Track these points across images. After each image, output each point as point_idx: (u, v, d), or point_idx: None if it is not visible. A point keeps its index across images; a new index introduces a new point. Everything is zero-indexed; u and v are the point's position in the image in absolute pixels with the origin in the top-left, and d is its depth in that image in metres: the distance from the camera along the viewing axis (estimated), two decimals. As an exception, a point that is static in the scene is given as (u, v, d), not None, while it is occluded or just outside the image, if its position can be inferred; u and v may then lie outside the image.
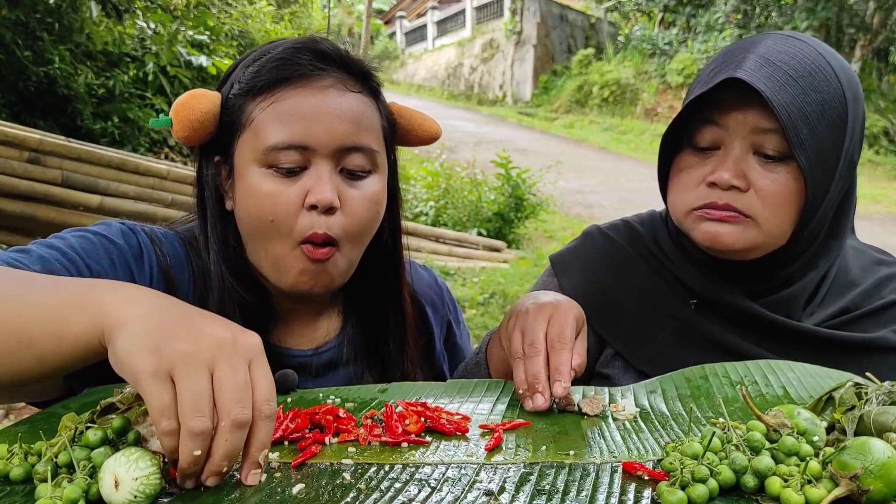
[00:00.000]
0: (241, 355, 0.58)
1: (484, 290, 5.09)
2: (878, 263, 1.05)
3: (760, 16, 14.14)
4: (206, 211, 0.93)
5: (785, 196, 0.91)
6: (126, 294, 0.62)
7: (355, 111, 0.88)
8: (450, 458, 0.64)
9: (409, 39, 23.36)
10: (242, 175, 0.88)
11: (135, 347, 0.57)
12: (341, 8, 19.50)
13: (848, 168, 0.94)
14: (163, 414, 0.55)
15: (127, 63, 6.08)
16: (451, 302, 1.18)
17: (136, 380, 0.56)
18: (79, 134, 5.19)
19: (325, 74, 0.88)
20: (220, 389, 0.56)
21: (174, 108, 0.88)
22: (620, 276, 1.08)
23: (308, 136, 0.85)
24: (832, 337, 0.96)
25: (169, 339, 0.57)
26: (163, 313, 0.60)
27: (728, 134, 0.92)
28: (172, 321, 0.59)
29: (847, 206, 0.99)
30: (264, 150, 0.86)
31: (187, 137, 0.89)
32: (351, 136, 0.87)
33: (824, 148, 0.89)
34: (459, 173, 7.66)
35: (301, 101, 0.86)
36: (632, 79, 15.77)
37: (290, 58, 0.88)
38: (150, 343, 0.57)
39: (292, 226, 0.86)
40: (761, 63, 0.89)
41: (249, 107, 0.88)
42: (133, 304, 0.61)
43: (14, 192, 3.43)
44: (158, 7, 5.80)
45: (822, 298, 1.00)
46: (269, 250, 0.88)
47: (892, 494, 0.52)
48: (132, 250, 0.89)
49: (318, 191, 0.85)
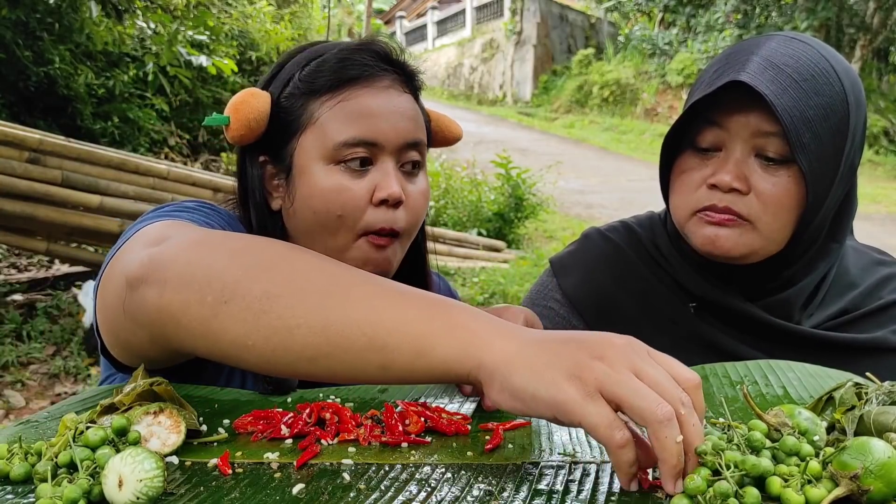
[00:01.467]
0: (645, 352, 0.57)
1: (484, 290, 5.09)
2: (877, 264, 1.05)
3: (760, 16, 14.14)
4: (252, 209, 0.95)
5: (785, 200, 0.91)
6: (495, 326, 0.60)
7: (413, 109, 0.94)
8: (450, 458, 0.64)
9: (409, 39, 23.35)
10: (306, 172, 0.90)
11: (547, 380, 0.55)
12: (341, 8, 19.49)
13: (849, 172, 0.94)
14: (613, 427, 0.52)
15: (127, 63, 6.08)
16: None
17: (563, 409, 0.54)
18: (79, 134, 5.20)
19: (385, 75, 0.93)
20: (655, 383, 0.54)
21: (233, 107, 0.90)
22: (620, 278, 1.08)
23: (377, 133, 0.89)
24: (831, 338, 0.96)
25: (580, 361, 0.55)
26: (543, 342, 0.57)
27: (730, 136, 0.92)
28: (563, 345, 0.57)
29: (847, 209, 0.98)
30: (334, 146, 0.89)
31: (242, 136, 0.91)
32: (411, 133, 0.92)
33: (825, 152, 0.89)
34: (459, 173, 7.66)
35: (368, 100, 0.90)
36: (632, 79, 15.77)
37: (352, 58, 0.92)
38: (564, 371, 0.54)
39: (359, 220, 0.89)
40: (765, 66, 0.88)
41: (312, 105, 0.91)
42: (508, 339, 0.58)
43: (14, 192, 3.43)
44: (158, 7, 5.79)
45: (821, 300, 1.00)
46: (331, 244, 0.91)
47: (892, 494, 0.52)
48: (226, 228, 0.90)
49: (387, 186, 0.89)
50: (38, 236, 3.86)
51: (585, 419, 0.53)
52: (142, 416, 0.65)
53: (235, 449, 0.67)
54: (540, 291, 1.14)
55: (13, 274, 4.58)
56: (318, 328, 0.60)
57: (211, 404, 0.78)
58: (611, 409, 0.53)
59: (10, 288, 4.18)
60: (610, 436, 0.52)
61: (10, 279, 4.38)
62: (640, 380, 0.53)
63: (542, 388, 0.54)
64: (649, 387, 0.53)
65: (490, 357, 0.57)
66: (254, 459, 0.64)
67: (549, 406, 0.54)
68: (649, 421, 0.52)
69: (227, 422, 0.72)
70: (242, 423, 0.71)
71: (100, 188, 3.79)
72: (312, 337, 0.60)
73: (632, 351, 0.56)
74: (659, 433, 0.52)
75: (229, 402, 0.80)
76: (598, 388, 0.53)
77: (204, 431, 0.70)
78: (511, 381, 0.56)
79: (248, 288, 0.61)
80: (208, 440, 0.68)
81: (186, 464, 0.63)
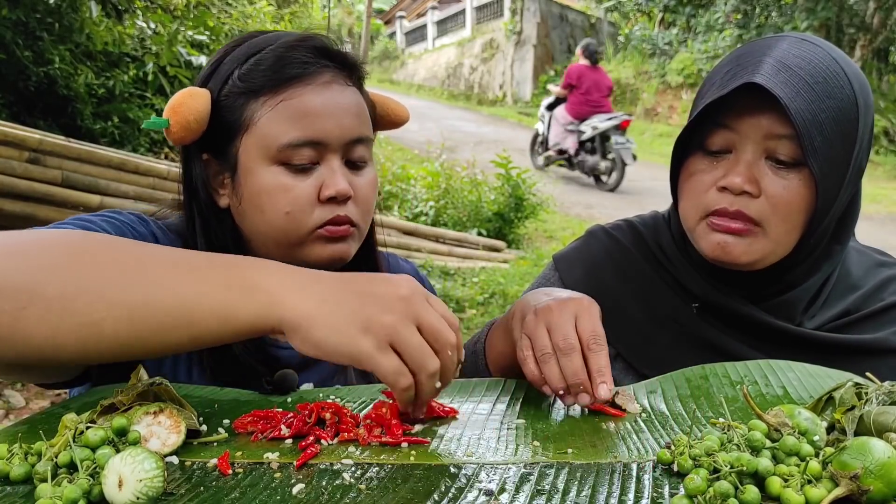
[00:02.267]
0: (421, 300, 0.67)
1: (484, 290, 5.09)
2: (879, 265, 1.04)
3: (760, 16, 14.13)
4: (194, 208, 0.94)
5: (796, 203, 0.90)
6: (283, 281, 0.67)
7: (357, 104, 0.93)
8: (450, 458, 0.64)
9: (409, 39, 23.35)
10: (251, 173, 0.90)
11: (345, 334, 0.64)
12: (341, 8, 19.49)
13: (856, 175, 0.94)
14: (399, 374, 0.65)
15: (127, 63, 6.07)
16: (430, 291, 1.20)
17: (360, 359, 0.64)
18: (79, 134, 5.19)
19: (325, 70, 0.91)
20: (432, 332, 0.66)
21: (171, 109, 0.88)
22: (623, 276, 1.08)
23: (321, 132, 0.89)
24: (833, 340, 0.96)
25: (370, 316, 0.64)
26: (341, 295, 0.66)
27: (741, 138, 0.91)
28: (358, 299, 0.65)
29: (851, 212, 0.98)
30: (278, 148, 0.88)
31: (183, 138, 0.89)
32: (356, 129, 0.92)
33: (835, 155, 0.89)
34: (459, 173, 7.65)
35: (309, 99, 0.89)
36: (632, 79, 15.76)
37: (289, 56, 0.89)
38: (358, 326, 0.64)
39: (308, 217, 0.90)
40: (778, 68, 0.87)
41: (253, 105, 0.89)
42: (301, 294, 0.66)
43: (14, 192, 3.43)
44: (158, 7, 5.79)
45: (823, 301, 1.00)
46: (284, 241, 0.91)
47: (892, 494, 0.52)
48: (150, 238, 0.91)
49: (334, 184, 0.89)
50: (38, 236, 3.85)
51: (378, 369, 0.64)
52: (142, 416, 0.65)
53: (235, 449, 0.67)
54: (542, 285, 1.14)
55: (13, 274, 4.57)
56: (124, 317, 0.63)
57: (211, 404, 0.78)
58: (397, 358, 0.65)
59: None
60: (396, 381, 0.65)
61: (10, 279, 4.37)
62: (421, 328, 0.66)
63: (341, 343, 0.64)
64: (429, 333, 0.66)
65: (289, 314, 0.65)
66: (254, 459, 0.64)
67: (349, 358, 0.64)
68: (419, 373, 0.65)
69: (227, 422, 0.72)
70: (242, 423, 0.71)
71: (100, 188, 3.79)
72: (120, 326, 0.63)
73: (415, 301, 0.66)
74: (426, 383, 0.66)
75: (229, 402, 0.80)
76: (388, 342, 0.64)
77: (204, 431, 0.70)
78: (312, 336, 0.64)
79: (43, 291, 0.62)
80: (208, 440, 0.68)
81: (186, 464, 0.63)
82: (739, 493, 0.53)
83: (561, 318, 0.79)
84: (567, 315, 0.79)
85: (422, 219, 7.04)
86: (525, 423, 0.73)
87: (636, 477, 0.60)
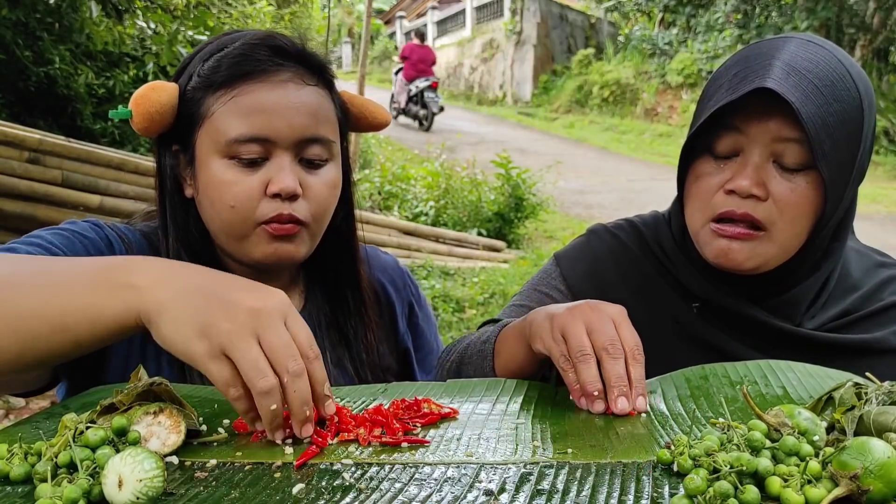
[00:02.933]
0: (276, 317, 0.66)
1: (484, 290, 5.09)
2: (878, 266, 1.04)
3: (760, 16, 14.13)
4: (166, 198, 0.98)
5: (803, 207, 0.90)
6: (154, 275, 0.67)
7: (313, 104, 0.94)
8: (450, 458, 0.64)
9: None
10: (204, 165, 0.93)
11: (182, 334, 0.64)
12: (341, 8, 19.48)
13: (859, 176, 0.93)
14: (229, 384, 0.64)
15: (127, 63, 6.07)
16: (412, 285, 1.22)
17: (193, 362, 0.64)
18: (79, 134, 5.19)
19: (282, 69, 0.93)
20: (271, 352, 0.64)
21: (133, 100, 0.92)
22: (624, 274, 1.08)
23: (269, 129, 0.90)
24: (832, 340, 0.96)
25: (211, 321, 0.64)
26: (195, 293, 0.66)
27: (749, 141, 0.91)
28: (207, 300, 0.65)
29: (850, 210, 0.98)
30: (226, 142, 0.90)
31: (146, 128, 0.93)
32: (309, 129, 0.93)
33: (842, 159, 0.89)
34: (459, 173, 7.65)
35: (261, 96, 0.91)
36: (632, 79, 15.75)
37: (248, 53, 0.92)
38: (196, 328, 0.64)
39: (253, 211, 0.91)
40: (788, 71, 0.87)
41: (209, 100, 0.92)
42: (164, 287, 0.66)
43: (14, 192, 3.43)
44: (158, 7, 5.79)
45: (824, 301, 1.00)
46: (231, 232, 0.94)
47: (892, 494, 0.52)
48: (103, 242, 0.93)
49: (279, 181, 0.90)
50: (38, 236, 3.85)
51: (209, 375, 0.64)
52: (142, 416, 0.65)
53: (235, 449, 0.67)
54: (543, 279, 1.14)
55: (13, 274, 4.57)
56: (9, 332, 0.67)
57: (211, 404, 0.78)
58: (230, 367, 0.63)
59: (10, 288, 4.17)
60: (226, 391, 0.64)
61: (10, 279, 4.37)
62: (262, 344, 0.64)
63: (178, 342, 0.65)
64: (269, 352, 0.64)
65: (147, 306, 0.66)
66: (254, 459, 0.64)
67: (185, 357, 0.65)
68: (252, 389, 0.63)
69: (227, 422, 0.72)
70: (242, 423, 0.71)
71: (100, 188, 3.79)
72: (5, 338, 0.67)
73: (265, 316, 0.65)
74: (258, 401, 0.64)
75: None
76: (221, 350, 0.63)
77: (204, 431, 0.70)
78: (160, 330, 0.66)
79: None
80: (208, 440, 0.68)
81: (186, 464, 0.63)
82: (739, 493, 0.53)
83: (602, 323, 0.78)
84: (607, 319, 0.78)
85: (422, 219, 7.05)
86: (525, 423, 0.73)
87: (636, 477, 0.60)
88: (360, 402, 0.80)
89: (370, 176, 7.82)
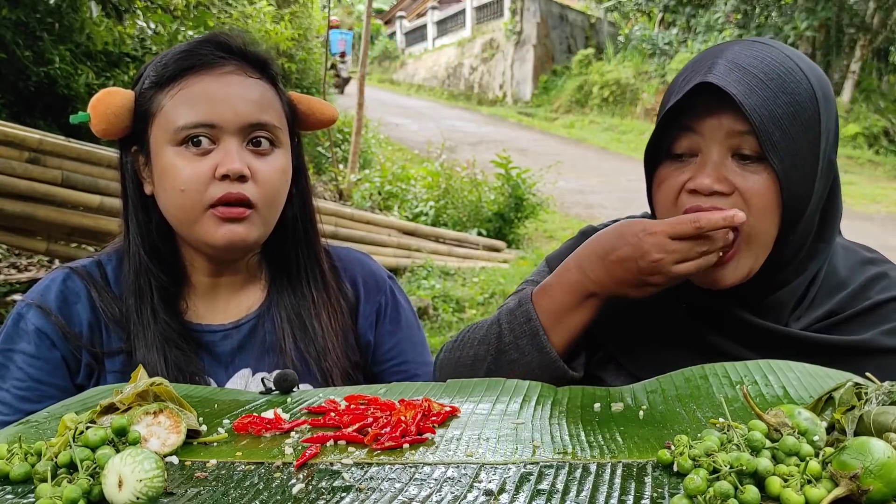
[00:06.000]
0: None
1: (484, 290, 5.09)
2: (866, 263, 1.04)
3: (760, 16, 14.13)
4: (128, 199, 1.05)
5: (767, 196, 0.91)
6: None
7: (256, 93, 1.00)
8: (450, 458, 0.64)
9: (409, 39, 23.35)
10: (157, 156, 0.99)
11: None
12: (341, 8, 19.48)
13: (827, 168, 0.94)
14: None
15: (127, 63, 6.07)
16: (390, 294, 1.19)
17: None
18: (79, 134, 5.19)
19: (226, 62, 1.00)
20: None
21: (91, 105, 0.99)
22: None
23: (215, 116, 0.96)
24: (819, 341, 0.96)
25: None
26: None
27: (704, 140, 0.93)
28: None
29: (833, 208, 0.99)
30: (175, 129, 0.96)
31: (105, 131, 1.00)
32: (254, 114, 0.99)
33: (799, 149, 0.90)
34: (459, 173, 7.65)
35: (206, 86, 0.98)
36: (632, 79, 15.75)
37: (193, 49, 1.00)
38: None
39: (202, 194, 0.96)
40: (730, 67, 0.90)
41: (159, 97, 0.99)
42: None
43: (14, 192, 3.43)
44: (158, 7, 5.79)
45: (810, 301, 1.00)
46: (183, 218, 0.98)
47: (892, 494, 0.52)
48: (73, 295, 1.02)
49: (227, 162, 0.96)
50: (38, 236, 3.85)
51: None
52: (142, 417, 0.65)
53: (235, 449, 0.67)
54: (535, 282, 1.14)
55: (13, 274, 4.58)
56: None
57: (211, 404, 0.78)
58: None
59: (10, 288, 4.18)
60: None
61: (10, 279, 4.38)
62: None
63: None
64: None
65: None
66: (254, 459, 0.64)
67: None
68: None
69: (227, 422, 0.72)
70: (242, 424, 0.71)
71: (100, 188, 3.78)
72: None
73: None
74: None
75: (229, 402, 0.80)
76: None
77: (204, 431, 0.70)
78: None
79: None
80: (208, 440, 0.68)
81: (186, 464, 0.63)
82: (739, 494, 0.53)
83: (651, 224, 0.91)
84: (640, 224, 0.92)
85: (422, 219, 7.05)
86: (525, 423, 0.73)
87: (636, 477, 0.60)
88: (359, 401, 0.80)
89: (370, 176, 7.83)
